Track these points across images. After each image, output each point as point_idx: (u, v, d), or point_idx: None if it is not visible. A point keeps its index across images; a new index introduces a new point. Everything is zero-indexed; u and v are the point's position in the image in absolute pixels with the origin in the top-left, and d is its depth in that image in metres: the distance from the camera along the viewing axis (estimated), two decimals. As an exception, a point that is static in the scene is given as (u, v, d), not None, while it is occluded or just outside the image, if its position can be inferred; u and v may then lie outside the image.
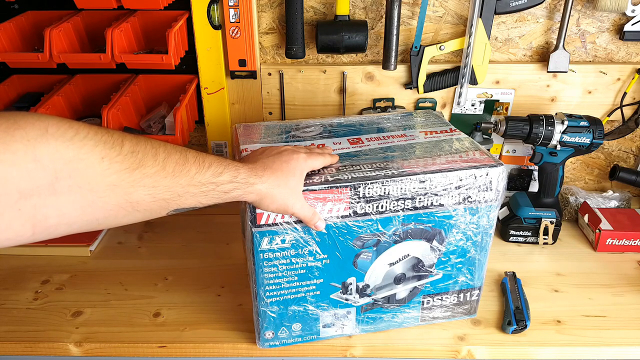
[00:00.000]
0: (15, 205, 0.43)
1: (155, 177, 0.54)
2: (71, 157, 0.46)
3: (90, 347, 0.85)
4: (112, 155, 0.49)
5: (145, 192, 0.54)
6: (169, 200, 0.57)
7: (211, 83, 1.11)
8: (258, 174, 0.67)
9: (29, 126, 0.44)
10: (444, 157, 0.78)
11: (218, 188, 0.62)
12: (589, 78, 1.11)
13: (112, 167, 0.49)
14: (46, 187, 0.45)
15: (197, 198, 0.61)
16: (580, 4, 1.06)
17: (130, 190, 0.52)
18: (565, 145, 1.01)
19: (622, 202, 1.16)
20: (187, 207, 0.61)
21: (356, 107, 1.15)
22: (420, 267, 0.82)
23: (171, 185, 0.56)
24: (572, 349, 0.85)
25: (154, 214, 0.58)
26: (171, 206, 0.58)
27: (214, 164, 0.62)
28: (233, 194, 0.64)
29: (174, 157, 0.57)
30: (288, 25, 1.04)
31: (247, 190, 0.66)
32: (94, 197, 0.49)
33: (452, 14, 1.08)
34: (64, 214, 0.48)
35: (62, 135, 0.45)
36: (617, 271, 1.01)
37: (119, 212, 0.53)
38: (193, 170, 0.59)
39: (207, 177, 0.60)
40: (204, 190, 0.61)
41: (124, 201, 0.52)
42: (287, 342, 0.83)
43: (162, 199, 0.56)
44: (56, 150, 0.45)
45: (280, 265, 0.75)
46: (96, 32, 1.07)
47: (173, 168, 0.56)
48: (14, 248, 1.06)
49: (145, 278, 0.99)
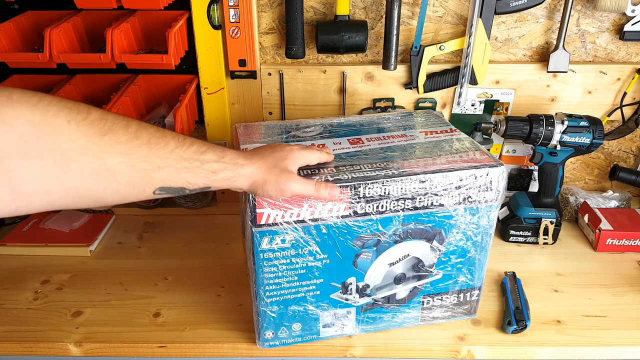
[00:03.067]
0: None
1: (128, 145, 0.53)
2: (37, 120, 0.47)
3: (90, 347, 0.85)
4: (78, 119, 0.50)
5: (120, 159, 0.53)
6: (149, 172, 0.56)
7: (211, 83, 1.10)
8: (247, 157, 0.66)
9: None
10: (444, 157, 0.78)
11: (204, 166, 0.61)
12: (589, 78, 1.11)
13: (80, 130, 0.50)
14: (16, 149, 0.46)
15: (182, 175, 0.59)
16: (580, 4, 1.06)
17: (104, 155, 0.52)
18: (565, 145, 1.01)
19: (622, 202, 1.16)
20: (174, 185, 0.59)
21: (356, 107, 1.15)
22: (420, 267, 0.82)
23: (147, 155, 0.55)
24: (572, 349, 0.85)
25: (138, 189, 0.56)
26: (154, 181, 0.57)
27: (197, 143, 0.61)
28: (222, 175, 0.63)
29: (149, 130, 0.56)
30: (288, 25, 1.04)
31: (237, 173, 0.64)
32: (67, 161, 0.50)
33: (452, 14, 1.08)
34: (39, 178, 0.48)
35: (26, 101, 0.47)
36: (617, 271, 1.01)
37: (97, 181, 0.52)
38: (172, 144, 0.58)
39: (189, 154, 0.59)
40: (187, 167, 0.59)
41: (100, 167, 0.52)
42: (287, 342, 0.83)
43: (140, 169, 0.55)
44: (22, 113, 0.46)
45: (280, 265, 0.75)
46: (96, 32, 1.07)
47: (148, 139, 0.55)
48: (14, 248, 1.06)
49: (145, 278, 0.99)
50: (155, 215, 1.18)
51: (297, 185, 0.68)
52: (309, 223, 0.73)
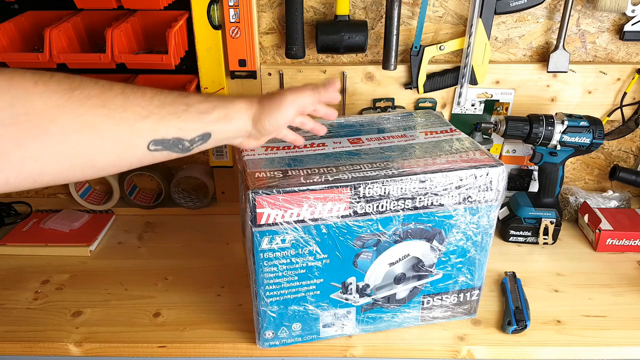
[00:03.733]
0: None
1: (102, 97, 0.52)
2: (4, 86, 0.47)
3: (90, 347, 0.85)
4: (44, 79, 0.49)
5: (97, 112, 0.51)
6: (132, 122, 0.53)
7: (211, 83, 1.10)
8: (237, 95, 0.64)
9: None
10: (444, 157, 0.78)
11: (191, 109, 0.58)
12: (589, 78, 1.11)
13: (49, 88, 0.49)
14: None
15: (171, 122, 0.56)
16: (580, 4, 1.06)
17: (80, 110, 0.50)
18: (565, 145, 1.01)
19: (622, 202, 1.16)
20: (166, 136, 0.56)
21: (356, 107, 1.15)
22: (420, 267, 0.82)
23: (124, 104, 0.53)
24: (572, 349, 0.85)
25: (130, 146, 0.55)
26: (144, 134, 0.55)
27: (177, 91, 0.59)
28: (216, 115, 0.60)
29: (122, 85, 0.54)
30: (288, 25, 1.04)
31: (230, 109, 0.62)
32: (44, 122, 0.48)
33: (452, 14, 1.08)
34: (23, 145, 0.48)
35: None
36: (617, 271, 1.01)
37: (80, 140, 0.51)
38: (149, 92, 0.56)
39: (172, 98, 0.57)
40: (174, 112, 0.56)
41: (79, 124, 0.50)
42: (287, 342, 0.83)
43: (121, 119, 0.53)
44: None
45: (280, 265, 0.75)
46: (96, 32, 1.07)
47: (122, 90, 0.54)
48: (14, 248, 1.06)
49: (145, 278, 0.99)
50: (155, 215, 1.18)
51: (292, 95, 0.66)
52: (309, 223, 0.73)
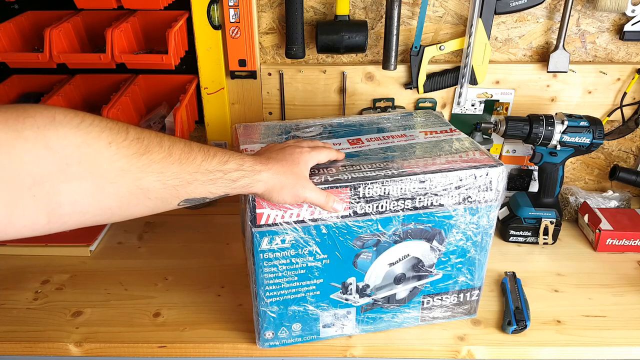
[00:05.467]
0: (30, 192, 0.45)
1: (163, 163, 0.55)
2: (79, 142, 0.47)
3: (90, 347, 0.85)
4: (118, 140, 0.50)
5: (155, 178, 0.54)
6: (178, 188, 0.57)
7: (211, 83, 1.10)
8: (263, 162, 0.67)
9: (38, 115, 0.45)
10: (444, 157, 0.78)
11: (225, 176, 0.62)
12: (589, 78, 1.11)
13: (120, 152, 0.50)
14: (57, 173, 0.46)
15: (206, 187, 0.61)
16: (580, 4, 1.06)
17: (140, 175, 0.52)
18: (565, 145, 1.01)
19: (622, 202, 1.16)
20: (197, 197, 0.61)
21: (356, 107, 1.15)
22: (420, 267, 0.82)
23: (179, 171, 0.56)
24: (572, 349, 0.85)
25: (166, 203, 0.58)
26: (181, 195, 0.58)
27: (219, 153, 0.62)
28: (241, 183, 0.64)
29: (179, 146, 0.58)
30: (288, 25, 1.04)
31: (254, 179, 0.65)
32: (105, 183, 0.50)
33: (452, 14, 1.08)
34: (76, 200, 0.49)
35: (69, 123, 0.47)
36: (617, 271, 1.01)
37: (130, 199, 0.53)
38: (199, 158, 0.59)
39: (214, 165, 0.61)
40: (212, 179, 0.61)
41: (135, 187, 0.53)
42: (287, 342, 0.83)
43: (171, 185, 0.56)
44: (65, 136, 0.46)
45: (280, 265, 0.75)
46: (96, 32, 1.07)
47: (179, 155, 0.57)
48: (14, 248, 1.06)
49: (145, 278, 0.99)
50: (155, 215, 1.17)
51: (313, 194, 0.70)
52: (309, 223, 0.73)
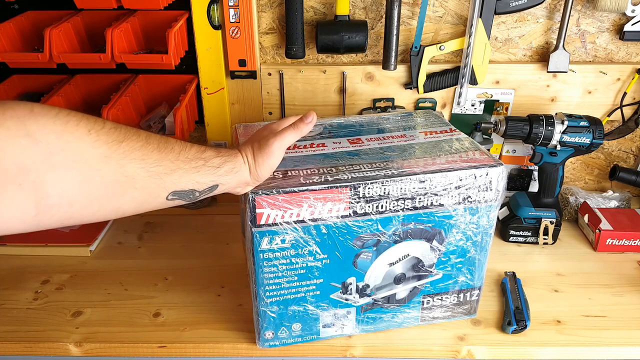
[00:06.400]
0: (16, 180, 0.46)
1: (143, 151, 0.56)
2: (59, 130, 0.48)
3: (90, 347, 0.85)
4: (97, 128, 0.52)
5: (138, 165, 0.55)
6: (162, 176, 0.58)
7: (211, 83, 1.10)
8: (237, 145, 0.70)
9: (16, 106, 0.47)
10: (444, 157, 0.78)
11: (207, 164, 0.64)
12: (589, 78, 1.11)
13: (100, 138, 0.52)
14: (42, 162, 0.47)
15: (191, 175, 0.62)
16: (580, 4, 1.06)
17: (123, 162, 0.54)
18: (565, 145, 1.01)
19: (622, 202, 1.16)
20: (185, 188, 0.62)
21: (356, 107, 1.15)
22: (420, 267, 0.82)
23: (160, 158, 0.58)
24: (572, 349, 0.85)
25: (153, 195, 0.59)
26: (168, 185, 0.60)
27: (196, 145, 0.65)
28: (225, 168, 0.66)
29: (156, 137, 0.59)
30: (288, 25, 1.04)
31: (237, 162, 0.67)
32: (90, 170, 0.51)
33: (452, 14, 1.08)
34: (64, 190, 0.49)
35: (47, 113, 0.48)
36: (617, 271, 1.01)
37: (116, 188, 0.54)
38: (177, 147, 0.61)
39: (193, 154, 0.62)
40: (194, 167, 0.62)
41: (120, 175, 0.54)
42: (287, 342, 0.83)
43: (155, 173, 0.57)
44: (45, 125, 0.47)
45: (280, 265, 0.75)
46: (96, 32, 1.07)
47: (157, 144, 0.58)
48: (14, 248, 1.06)
49: (145, 278, 0.99)
50: (155, 215, 1.18)
51: (277, 141, 0.70)
52: (309, 223, 0.73)
